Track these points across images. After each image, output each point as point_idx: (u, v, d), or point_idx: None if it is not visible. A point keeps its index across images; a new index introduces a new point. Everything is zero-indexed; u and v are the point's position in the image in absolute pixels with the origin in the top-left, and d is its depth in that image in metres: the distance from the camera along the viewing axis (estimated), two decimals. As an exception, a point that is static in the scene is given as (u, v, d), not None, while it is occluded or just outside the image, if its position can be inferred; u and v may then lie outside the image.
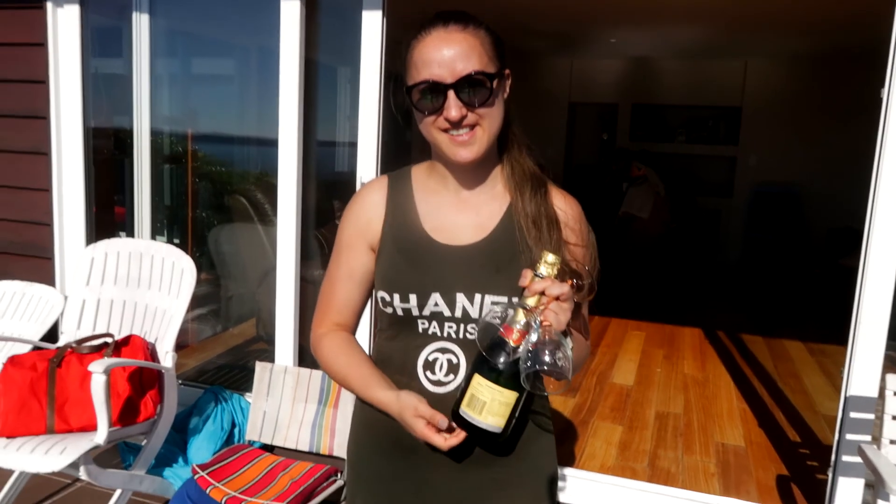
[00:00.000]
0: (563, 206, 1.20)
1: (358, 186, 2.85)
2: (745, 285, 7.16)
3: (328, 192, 3.65)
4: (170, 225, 3.89)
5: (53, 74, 3.19)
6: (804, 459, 3.23)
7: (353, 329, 1.29)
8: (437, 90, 1.07)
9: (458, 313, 1.13)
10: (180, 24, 3.54)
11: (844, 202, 6.44)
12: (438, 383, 1.15)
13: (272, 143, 2.99)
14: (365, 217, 1.22)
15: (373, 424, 1.23)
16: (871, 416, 2.38)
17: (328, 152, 3.34)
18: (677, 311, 5.87)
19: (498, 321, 1.05)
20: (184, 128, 3.79)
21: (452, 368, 1.15)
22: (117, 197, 3.66)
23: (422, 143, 1.19)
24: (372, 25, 2.74)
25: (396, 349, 1.19)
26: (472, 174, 1.18)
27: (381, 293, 1.18)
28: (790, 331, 5.35)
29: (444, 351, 1.15)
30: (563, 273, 1.05)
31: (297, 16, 2.82)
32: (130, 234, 3.53)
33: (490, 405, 1.03)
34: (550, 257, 1.02)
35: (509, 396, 1.04)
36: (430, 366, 1.16)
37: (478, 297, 1.12)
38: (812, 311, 6.08)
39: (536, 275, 1.03)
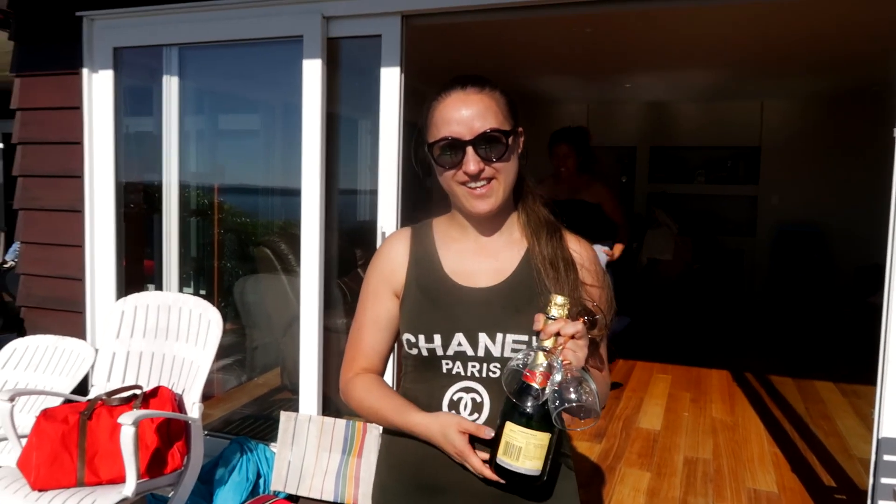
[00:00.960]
0: (578, 248, 1.26)
1: (379, 236, 2.91)
2: (772, 326, 7.05)
3: (350, 241, 3.71)
4: (196, 276, 3.97)
5: (88, 135, 3.33)
6: (840, 505, 3.14)
7: (380, 374, 1.33)
8: (456, 146, 1.16)
9: (481, 352, 1.18)
10: (207, 84, 3.69)
11: (871, 240, 6.37)
12: None
13: (295, 194, 3.07)
14: (389, 266, 1.29)
15: (398, 467, 1.27)
16: (905, 459, 2.33)
17: (350, 202, 3.42)
18: (703, 353, 5.78)
19: (521, 366, 1.08)
20: (210, 181, 3.90)
21: (476, 407, 1.18)
22: (146, 250, 3.76)
23: (441, 193, 1.26)
24: (390, 81, 2.84)
25: (422, 390, 1.24)
26: (490, 223, 1.26)
27: (407, 335, 1.23)
28: (821, 372, 5.24)
29: (468, 390, 1.19)
30: (575, 312, 1.10)
31: (319, 72, 2.93)
32: (159, 286, 3.62)
33: (526, 449, 1.06)
34: (559, 299, 1.07)
35: (543, 438, 1.06)
36: (454, 405, 1.19)
37: (499, 336, 1.17)
38: (842, 350, 5.96)
39: (549, 318, 1.07)
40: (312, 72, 2.95)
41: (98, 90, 3.33)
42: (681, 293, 7.31)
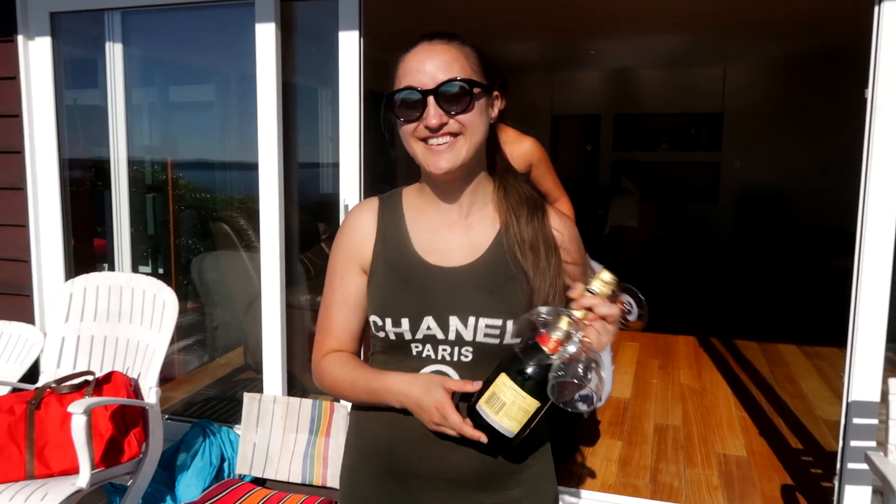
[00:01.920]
0: (559, 226, 1.18)
1: (341, 209, 2.80)
2: (736, 290, 7.15)
3: (313, 215, 3.60)
4: (153, 255, 3.83)
5: (27, 108, 3.13)
6: (808, 467, 3.17)
7: (354, 353, 1.25)
8: (416, 97, 1.07)
9: (452, 336, 1.11)
10: (155, 52, 3.50)
11: (831, 203, 6.47)
12: None
13: (253, 168, 2.94)
14: (356, 240, 1.21)
15: (368, 451, 1.21)
16: (875, 421, 2.34)
17: (311, 175, 3.30)
18: (670, 320, 5.82)
19: (539, 323, 1.01)
20: (163, 156, 3.74)
21: None
22: (97, 229, 3.59)
23: (407, 164, 1.15)
24: (349, 46, 2.70)
25: None
26: (458, 191, 1.16)
27: (374, 317, 1.15)
28: (784, 335, 5.32)
29: (439, 374, 1.12)
30: (615, 296, 1.02)
31: (273, 38, 2.78)
32: (111, 266, 3.46)
33: (509, 408, 1.00)
34: (606, 275, 1.00)
35: (531, 403, 1.01)
36: None
37: (471, 319, 1.10)
38: (805, 313, 6.06)
39: (588, 290, 1.00)
40: (266, 38, 2.79)
41: (35, 59, 3.11)
42: (646, 260, 7.35)
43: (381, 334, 1.15)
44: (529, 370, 0.99)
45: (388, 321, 1.13)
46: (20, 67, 3.09)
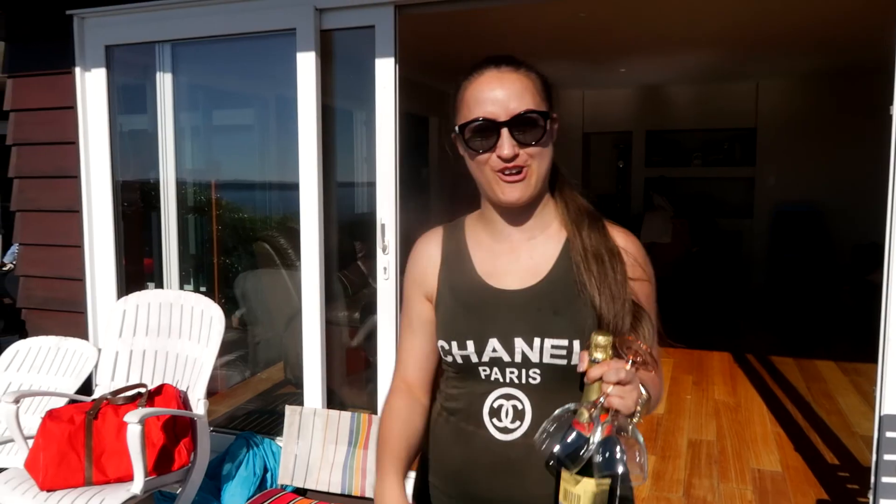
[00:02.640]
0: (624, 243, 1.16)
1: (378, 228, 2.90)
2: (772, 306, 7.07)
3: (349, 233, 3.71)
4: (196, 273, 3.98)
5: (83, 135, 3.32)
6: (844, 482, 3.15)
7: (420, 381, 1.25)
8: (490, 128, 1.07)
9: (518, 358, 1.11)
10: (201, 79, 3.68)
11: (868, 218, 6.37)
12: (505, 430, 1.13)
13: (293, 188, 3.07)
14: (420, 268, 1.24)
15: (442, 476, 1.22)
16: (908, 435, 2.34)
17: (348, 194, 3.42)
18: (705, 336, 5.80)
19: (569, 413, 1.01)
20: (207, 178, 3.90)
21: (518, 415, 1.12)
22: (146, 249, 3.76)
23: (439, 181, 1.20)
24: (385, 71, 2.82)
25: (462, 396, 1.18)
26: (523, 216, 1.17)
27: (441, 342, 1.17)
28: (821, 350, 5.26)
29: (508, 397, 1.12)
30: (622, 348, 0.99)
31: (313, 65, 2.92)
32: (159, 284, 3.61)
33: (585, 497, 0.99)
34: (601, 339, 0.97)
35: (602, 482, 0.99)
36: (495, 413, 1.13)
37: (537, 341, 1.10)
38: (842, 329, 5.98)
39: (591, 360, 0.98)
40: (307, 64, 2.93)
41: (91, 89, 3.31)
42: (680, 276, 7.32)
43: (449, 359, 1.16)
44: (581, 460, 0.96)
45: (455, 344, 1.14)
46: (77, 97, 3.29)
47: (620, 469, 0.96)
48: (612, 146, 8.77)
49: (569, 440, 0.98)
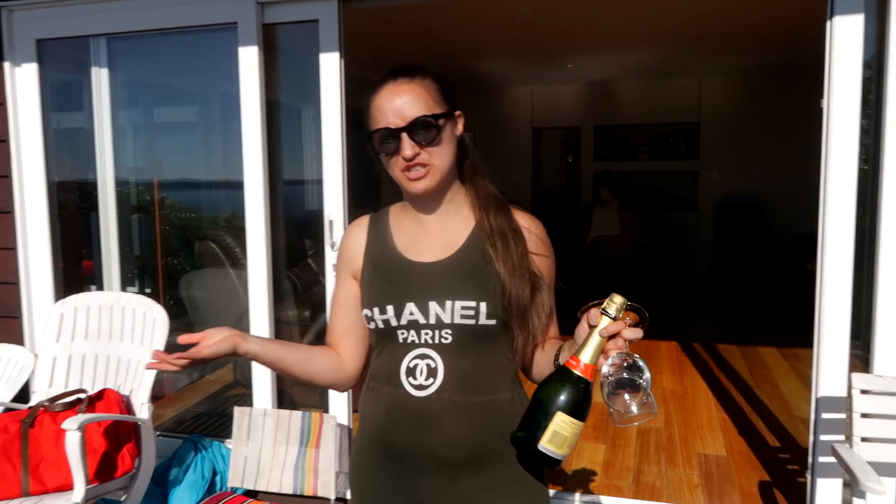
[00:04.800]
0: (527, 223, 1.33)
1: (326, 225, 2.87)
2: (716, 295, 7.28)
3: (298, 231, 3.66)
4: (140, 274, 3.87)
5: (14, 132, 3.19)
6: (785, 464, 3.27)
7: (343, 349, 1.39)
8: (392, 135, 1.23)
9: (433, 320, 1.24)
10: (140, 75, 3.57)
11: (806, 209, 6.60)
12: (420, 387, 1.24)
13: (239, 186, 3.01)
14: (349, 251, 1.39)
15: (367, 437, 1.33)
16: (843, 416, 2.44)
17: (296, 192, 3.37)
18: (652, 326, 5.88)
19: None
20: (149, 176, 3.79)
21: (431, 372, 1.24)
22: (85, 250, 3.64)
23: (389, 180, 1.31)
24: (330, 67, 2.79)
25: (382, 362, 1.30)
26: (434, 203, 1.32)
27: (365, 310, 1.30)
28: (763, 337, 5.44)
29: (423, 357, 1.25)
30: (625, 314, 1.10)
31: (255, 60, 2.86)
32: (100, 286, 3.50)
33: (570, 439, 1.09)
34: (618, 298, 1.08)
35: (581, 427, 1.10)
36: (411, 372, 1.25)
37: (448, 303, 1.23)
38: (783, 316, 6.19)
39: (605, 312, 1.07)
40: (249, 59, 2.88)
41: (22, 85, 3.18)
42: (628, 268, 7.47)
43: (372, 325, 1.29)
44: (583, 400, 1.08)
45: (377, 310, 1.27)
46: (7, 93, 3.16)
47: (635, 409, 1.06)
48: (562, 141, 8.88)
49: (573, 383, 1.08)
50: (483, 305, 1.22)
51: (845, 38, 2.31)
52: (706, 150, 7.93)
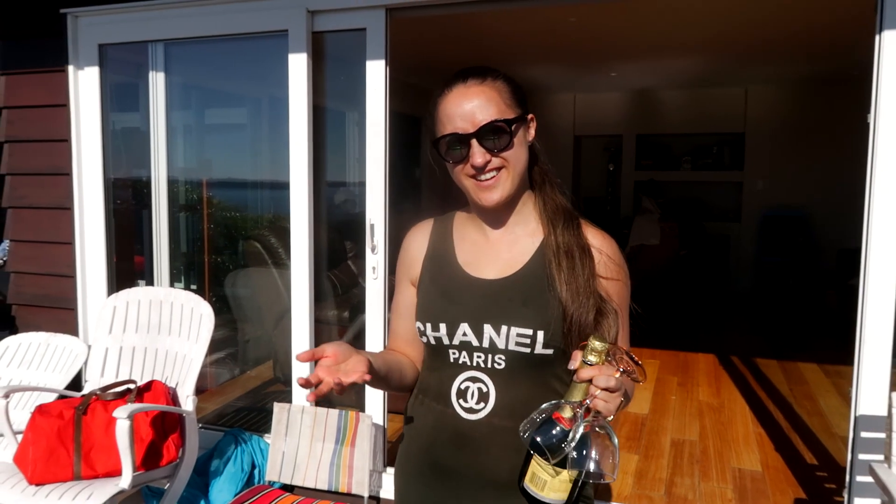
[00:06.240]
0: (598, 243, 1.23)
1: (367, 228, 2.94)
2: (757, 309, 7.16)
3: (340, 233, 3.75)
4: (187, 271, 4.00)
5: (75, 132, 3.34)
6: (821, 482, 3.22)
7: (412, 358, 1.37)
8: (461, 141, 1.17)
9: (486, 343, 1.19)
10: (194, 79, 3.70)
11: (853, 223, 6.46)
12: (471, 410, 1.21)
13: (284, 187, 3.10)
14: (409, 257, 1.35)
15: (412, 448, 1.32)
16: (882, 435, 2.40)
17: (339, 194, 3.45)
18: (691, 338, 5.87)
19: (554, 406, 1.07)
20: (199, 176, 3.92)
21: (483, 397, 1.20)
22: (136, 247, 3.78)
23: (431, 182, 1.27)
24: (376, 74, 2.86)
25: (433, 378, 1.27)
26: (503, 215, 1.26)
27: (418, 323, 1.26)
28: (805, 353, 5.34)
29: (474, 380, 1.21)
30: (614, 357, 1.04)
31: (304, 66, 2.95)
32: (150, 282, 3.64)
33: (551, 483, 1.08)
34: (598, 344, 1.02)
35: (569, 475, 1.07)
36: (462, 394, 1.22)
37: (504, 328, 1.17)
38: (826, 332, 6.06)
39: (584, 361, 1.03)
40: (298, 66, 2.97)
41: (84, 87, 3.33)
42: (668, 279, 7.40)
43: (424, 339, 1.26)
44: (554, 448, 1.03)
45: (429, 326, 1.23)
46: (70, 95, 3.31)
47: (592, 467, 1.03)
48: (603, 149, 8.84)
49: (553, 432, 1.04)
50: (540, 334, 1.15)
51: (894, 52, 2.28)
52: (751, 160, 7.80)
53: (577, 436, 1.03)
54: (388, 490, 3.00)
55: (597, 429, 1.03)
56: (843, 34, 4.81)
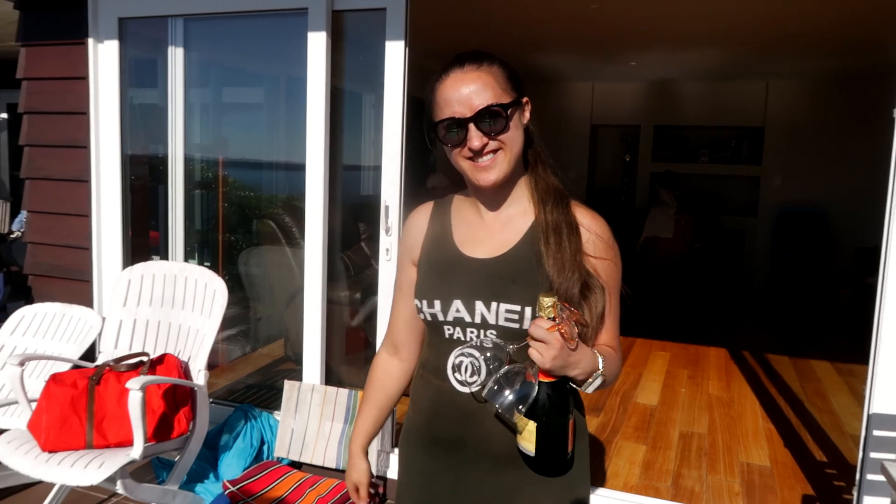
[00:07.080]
0: (588, 222, 1.26)
1: (382, 210, 2.94)
2: (771, 305, 7.11)
3: (354, 215, 3.75)
4: (201, 248, 4.02)
5: (94, 106, 3.35)
6: (830, 479, 3.20)
7: (405, 340, 1.44)
8: (459, 125, 1.20)
9: (478, 319, 1.24)
10: (212, 56, 3.70)
11: (871, 221, 6.39)
12: (464, 384, 1.26)
13: (300, 168, 3.10)
14: (410, 238, 1.40)
15: (416, 421, 1.37)
16: (895, 434, 2.38)
17: (354, 176, 3.45)
18: (702, 332, 5.84)
19: (501, 364, 1.19)
20: (215, 154, 3.93)
21: (476, 370, 1.24)
22: (151, 222, 3.80)
23: (446, 166, 1.29)
24: (395, 55, 2.85)
25: (432, 353, 1.33)
26: (499, 196, 1.29)
27: (415, 300, 1.31)
28: (817, 351, 5.30)
29: (467, 355, 1.25)
30: (557, 313, 1.09)
31: (323, 45, 2.94)
32: (164, 257, 3.66)
33: (523, 434, 1.15)
34: (544, 300, 1.08)
35: (531, 424, 1.13)
36: (457, 368, 1.26)
37: (494, 304, 1.22)
38: (840, 330, 6.01)
39: (536, 317, 1.10)
40: (317, 45, 2.96)
41: (103, 61, 3.34)
42: (681, 272, 7.36)
43: (421, 316, 1.31)
44: (519, 399, 1.14)
45: (425, 303, 1.28)
46: (89, 68, 3.32)
47: (507, 400, 1.15)
48: (620, 139, 8.77)
49: (517, 387, 1.15)
50: (528, 311, 1.19)
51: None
52: (769, 155, 7.71)
53: (497, 373, 1.16)
54: (395, 470, 3.01)
55: (511, 372, 1.15)
56: (867, 30, 4.73)
